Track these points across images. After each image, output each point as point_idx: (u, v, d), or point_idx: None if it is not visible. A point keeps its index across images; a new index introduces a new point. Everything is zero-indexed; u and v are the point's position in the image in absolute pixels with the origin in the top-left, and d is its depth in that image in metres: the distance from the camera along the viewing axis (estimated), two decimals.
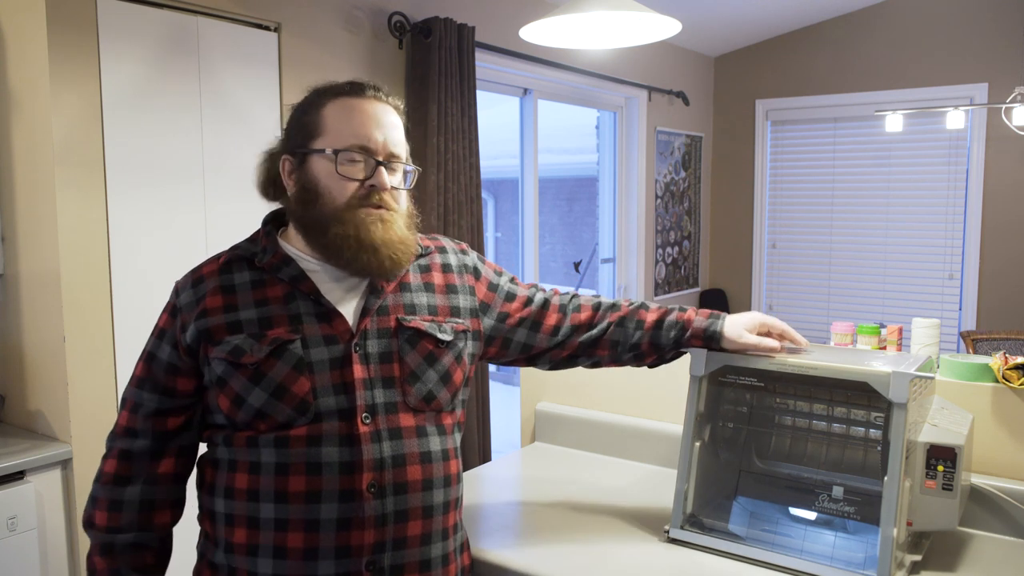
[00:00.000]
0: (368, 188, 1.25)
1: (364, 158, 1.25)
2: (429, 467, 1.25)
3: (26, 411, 2.47)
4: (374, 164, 1.25)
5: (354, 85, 1.29)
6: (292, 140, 1.30)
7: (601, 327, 1.49)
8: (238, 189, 2.73)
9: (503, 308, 1.45)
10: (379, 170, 1.25)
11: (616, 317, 1.49)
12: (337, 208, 1.24)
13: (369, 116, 1.27)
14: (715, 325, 1.47)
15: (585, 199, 6.29)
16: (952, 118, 4.41)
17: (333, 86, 1.30)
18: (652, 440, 1.97)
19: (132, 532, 1.26)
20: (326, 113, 1.27)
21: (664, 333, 1.47)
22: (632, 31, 2.38)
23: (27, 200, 2.39)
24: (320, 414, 1.20)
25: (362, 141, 1.25)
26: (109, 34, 2.39)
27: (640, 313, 1.49)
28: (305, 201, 1.26)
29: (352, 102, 1.27)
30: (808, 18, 5.31)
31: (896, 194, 5.27)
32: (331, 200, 1.24)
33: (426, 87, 3.28)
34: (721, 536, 1.48)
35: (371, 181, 1.25)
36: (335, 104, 1.27)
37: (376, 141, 1.26)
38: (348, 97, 1.28)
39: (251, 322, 1.23)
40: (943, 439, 1.39)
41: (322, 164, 1.25)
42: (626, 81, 4.79)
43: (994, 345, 4.08)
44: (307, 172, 1.26)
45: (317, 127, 1.27)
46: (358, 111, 1.27)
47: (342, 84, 1.30)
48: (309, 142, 1.27)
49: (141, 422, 1.27)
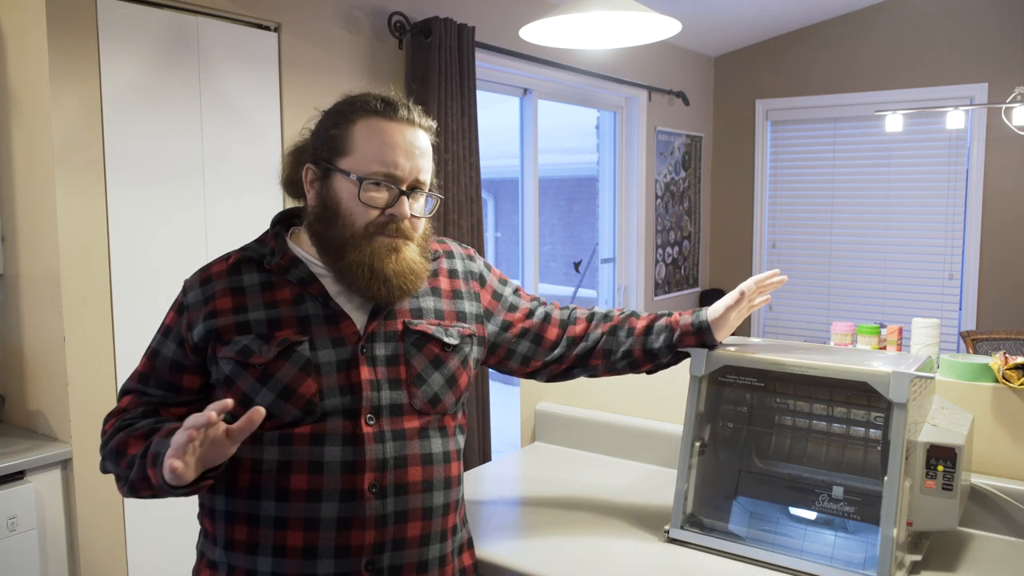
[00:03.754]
0: (388, 216, 1.24)
1: (388, 186, 1.24)
2: (430, 469, 1.25)
3: (26, 411, 2.47)
4: (397, 193, 1.24)
5: (388, 104, 1.26)
6: (318, 150, 1.27)
7: (594, 337, 1.51)
8: (238, 189, 2.73)
9: (506, 317, 1.47)
10: (401, 199, 1.24)
11: (608, 327, 1.52)
12: (355, 233, 1.23)
13: (399, 143, 1.24)
14: (701, 316, 1.50)
15: (585, 199, 6.29)
16: (952, 118, 4.41)
17: (367, 101, 1.26)
18: (652, 440, 1.97)
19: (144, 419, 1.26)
20: (356, 131, 1.24)
21: (654, 338, 1.50)
22: (632, 31, 2.38)
23: (27, 200, 2.39)
24: (325, 414, 1.20)
25: (388, 168, 1.23)
26: (109, 34, 2.39)
27: (631, 321, 1.53)
28: (323, 218, 1.25)
29: (383, 125, 1.24)
30: (808, 18, 5.31)
31: (896, 194, 5.27)
32: (350, 224, 1.23)
33: (426, 87, 3.28)
34: (721, 536, 1.48)
35: (392, 210, 1.24)
36: (366, 123, 1.24)
37: (403, 169, 1.24)
38: (380, 118, 1.25)
39: (260, 323, 1.23)
40: (943, 439, 1.39)
41: (345, 186, 1.24)
42: (626, 81, 4.79)
43: (994, 345, 4.08)
44: (329, 189, 1.25)
45: (345, 145, 1.24)
46: (388, 135, 1.24)
47: (376, 100, 1.26)
48: (335, 158, 1.25)
49: (145, 407, 1.28)
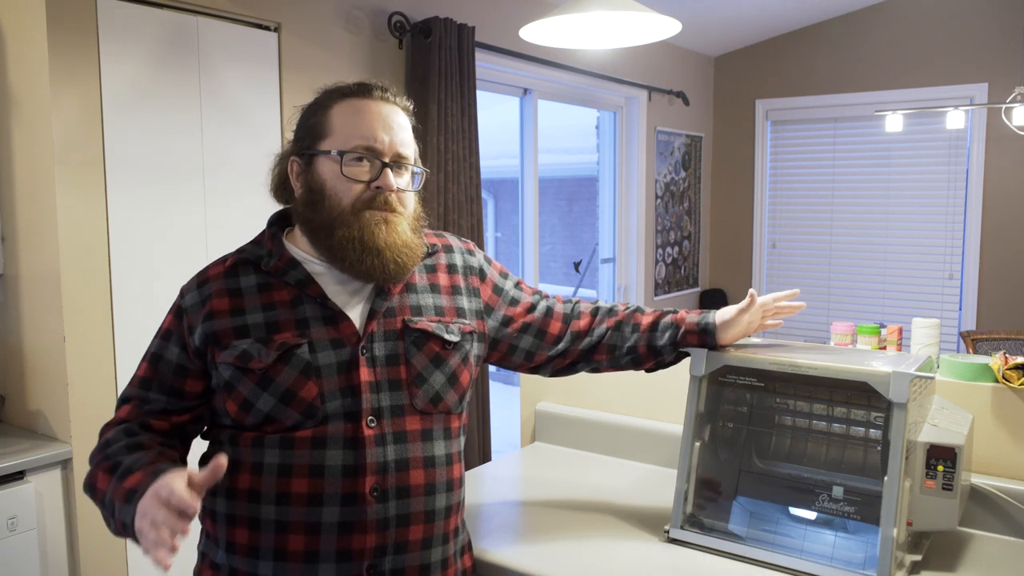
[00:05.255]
0: (374, 190, 1.24)
1: (370, 159, 1.24)
2: (432, 471, 1.24)
3: (26, 411, 2.47)
4: (380, 165, 1.24)
5: (362, 86, 1.28)
6: (300, 142, 1.29)
7: (599, 332, 1.50)
8: (238, 189, 2.73)
9: (507, 312, 1.45)
10: (385, 171, 1.24)
11: (613, 322, 1.50)
12: (343, 210, 1.23)
13: (376, 116, 1.26)
14: (708, 318, 1.49)
15: (585, 199, 6.29)
16: (952, 118, 4.41)
17: (341, 87, 1.29)
18: (652, 440, 1.97)
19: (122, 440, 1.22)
20: (333, 114, 1.26)
21: (659, 335, 1.48)
22: (632, 31, 2.38)
23: (27, 200, 2.39)
24: (326, 417, 1.19)
25: (368, 142, 1.24)
26: (109, 34, 2.39)
27: (636, 317, 1.51)
28: (311, 203, 1.25)
29: (359, 103, 1.26)
30: (808, 18, 5.31)
31: (896, 194, 5.27)
32: (336, 202, 1.23)
33: (426, 87, 3.28)
34: (721, 536, 1.48)
35: (377, 183, 1.24)
36: (342, 105, 1.27)
37: (383, 142, 1.25)
38: (355, 98, 1.27)
39: (258, 326, 1.22)
40: (943, 439, 1.39)
41: (328, 165, 1.24)
42: (626, 81, 4.79)
43: (994, 345, 4.08)
44: (313, 174, 1.25)
45: (324, 128, 1.26)
46: (364, 112, 1.26)
47: (350, 85, 1.29)
48: (316, 143, 1.26)
49: (144, 416, 1.25)
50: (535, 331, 1.47)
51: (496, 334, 1.44)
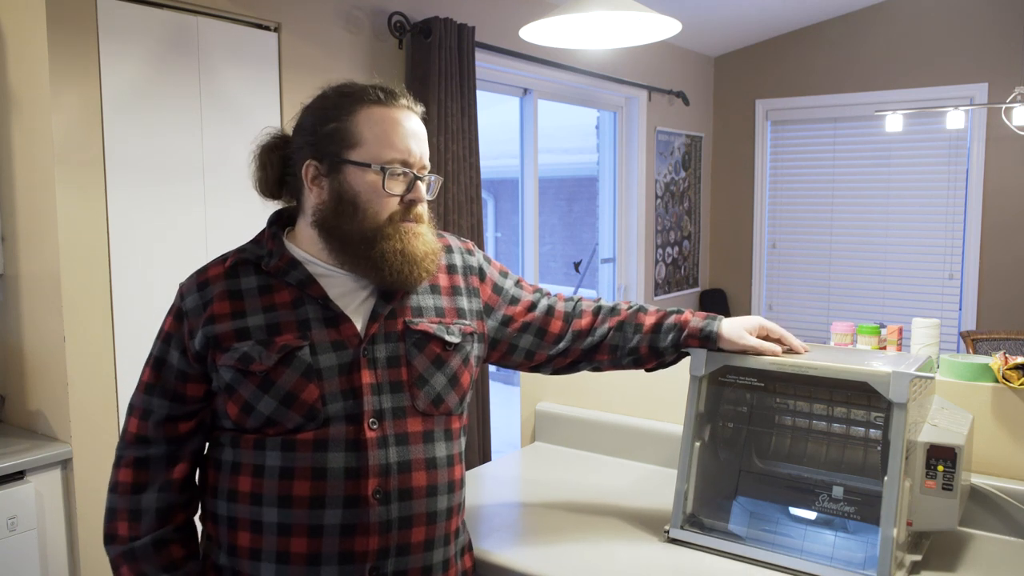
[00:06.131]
0: (408, 202, 1.25)
1: (404, 172, 1.25)
2: (434, 473, 1.24)
3: (26, 411, 2.47)
4: (412, 178, 1.25)
5: (387, 93, 1.26)
6: (320, 146, 1.25)
7: (601, 332, 1.49)
8: (238, 189, 2.73)
9: (507, 311, 1.44)
10: (417, 184, 1.26)
11: (615, 322, 1.50)
12: (380, 224, 1.23)
13: (407, 129, 1.25)
14: (711, 325, 1.47)
15: (585, 199, 6.29)
16: (952, 118, 4.41)
17: (361, 91, 1.25)
18: (652, 440, 1.97)
19: (150, 534, 1.24)
20: (360, 121, 1.23)
21: (662, 336, 1.48)
22: (632, 31, 2.38)
23: (27, 200, 2.39)
24: (328, 419, 1.19)
25: (404, 155, 1.24)
26: (109, 34, 2.39)
27: (639, 317, 1.50)
28: (339, 212, 1.23)
29: (388, 113, 1.25)
30: (808, 18, 5.31)
31: (896, 194, 5.27)
32: (373, 215, 1.23)
33: (426, 87, 3.28)
34: (721, 536, 1.48)
35: (410, 196, 1.25)
36: (370, 113, 1.24)
37: (415, 155, 1.26)
38: (382, 107, 1.25)
39: (259, 328, 1.21)
40: (943, 439, 1.39)
41: (362, 176, 1.23)
42: (626, 81, 4.79)
43: (994, 345, 4.08)
44: (343, 183, 1.23)
45: (351, 136, 1.23)
46: (396, 124, 1.25)
47: (372, 90, 1.25)
48: (344, 151, 1.23)
49: (152, 429, 1.25)
50: (535, 330, 1.47)
51: (496, 334, 1.43)
